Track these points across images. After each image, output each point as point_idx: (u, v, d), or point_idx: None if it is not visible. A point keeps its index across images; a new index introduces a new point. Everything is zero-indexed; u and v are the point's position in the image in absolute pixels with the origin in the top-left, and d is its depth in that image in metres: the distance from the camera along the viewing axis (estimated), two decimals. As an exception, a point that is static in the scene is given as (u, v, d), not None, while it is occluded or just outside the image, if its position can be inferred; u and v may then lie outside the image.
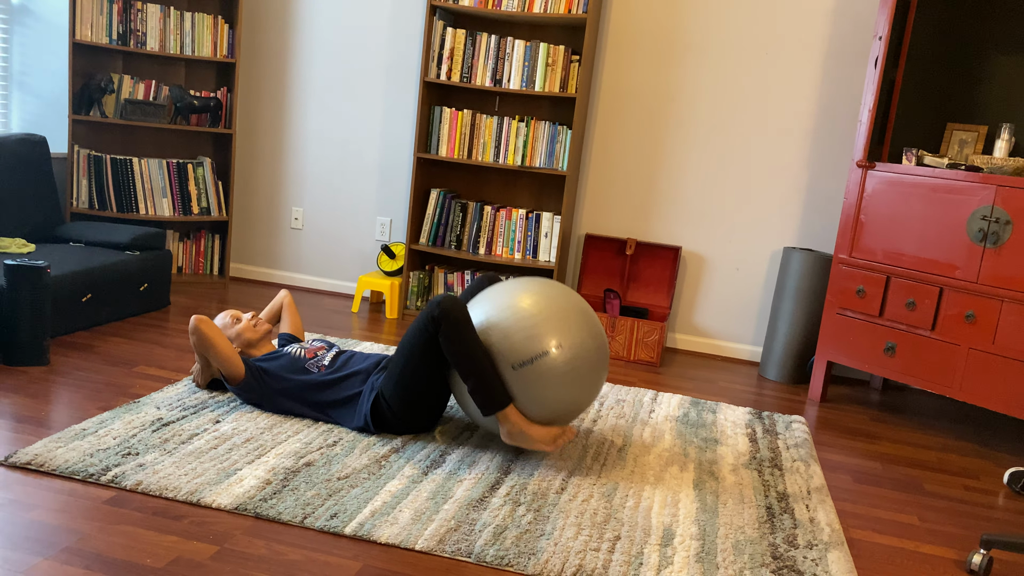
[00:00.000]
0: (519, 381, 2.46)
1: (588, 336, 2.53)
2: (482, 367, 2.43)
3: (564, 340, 2.47)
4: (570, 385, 2.49)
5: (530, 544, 2.07)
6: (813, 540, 2.26)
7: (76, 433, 2.43)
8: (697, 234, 4.25)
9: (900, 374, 3.39)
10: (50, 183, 4.01)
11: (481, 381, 2.43)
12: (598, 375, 2.57)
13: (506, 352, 2.46)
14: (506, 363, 2.46)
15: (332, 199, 4.68)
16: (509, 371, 2.46)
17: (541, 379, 2.46)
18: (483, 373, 2.43)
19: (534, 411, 2.51)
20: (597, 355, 2.55)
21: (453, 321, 2.43)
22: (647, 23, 4.17)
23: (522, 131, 4.14)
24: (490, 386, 2.44)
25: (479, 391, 2.44)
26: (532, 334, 2.45)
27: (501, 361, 2.47)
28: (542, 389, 2.47)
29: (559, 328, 2.48)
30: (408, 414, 2.63)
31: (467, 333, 2.44)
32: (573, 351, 2.48)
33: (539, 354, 2.45)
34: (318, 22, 4.54)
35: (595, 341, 2.55)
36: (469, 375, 2.44)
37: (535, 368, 2.45)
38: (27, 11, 4.35)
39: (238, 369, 2.73)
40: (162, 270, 3.94)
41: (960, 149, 3.67)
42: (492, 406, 2.45)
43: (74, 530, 1.94)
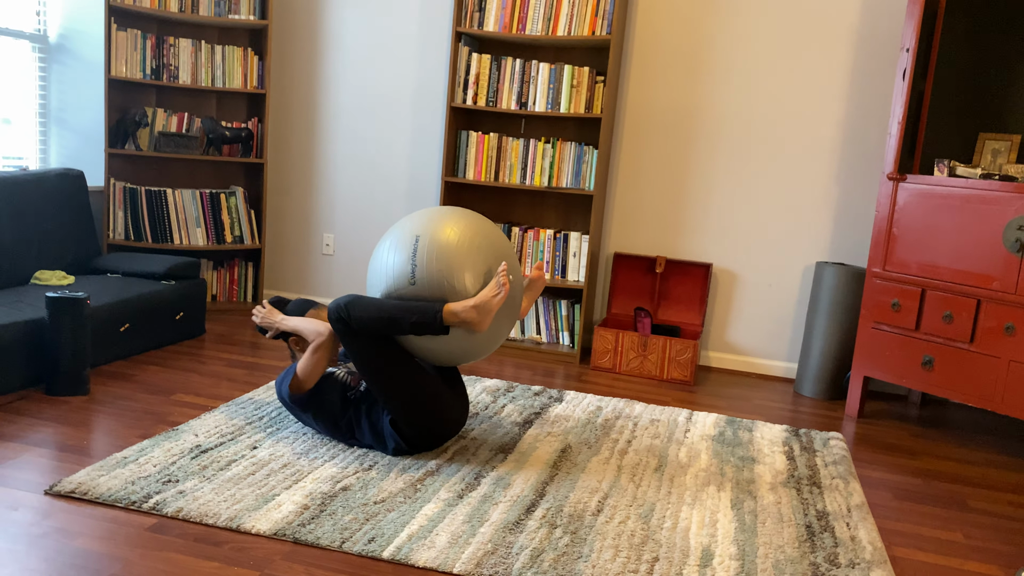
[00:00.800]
0: (429, 286, 2.57)
1: (436, 212, 2.70)
2: (398, 310, 2.52)
3: (418, 226, 2.63)
4: (461, 239, 2.61)
5: (568, 567, 2.06)
6: (855, 559, 2.23)
7: (117, 461, 2.47)
8: (728, 250, 4.23)
9: (939, 388, 3.33)
10: (88, 216, 4.10)
11: (409, 319, 2.50)
12: (475, 217, 2.71)
13: (397, 281, 2.60)
14: (404, 288, 2.59)
15: (362, 224, 4.73)
16: (411, 289, 2.58)
17: (439, 262, 2.57)
18: (404, 312, 2.51)
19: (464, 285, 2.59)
20: (455, 211, 2.71)
21: (346, 304, 2.54)
22: (671, 42, 4.18)
23: (548, 152, 4.16)
24: (417, 312, 2.51)
25: (417, 325, 2.50)
26: (400, 246, 2.62)
27: (401, 292, 2.60)
28: (447, 269, 2.57)
29: (411, 225, 2.67)
30: (421, 417, 2.62)
31: (364, 301, 2.55)
32: (436, 220, 2.63)
33: (413, 247, 2.59)
34: (345, 52, 4.62)
35: (443, 210, 2.71)
36: (399, 325, 2.51)
37: (424, 259, 2.56)
38: (64, 49, 4.47)
39: (313, 382, 2.73)
40: (197, 298, 4.00)
41: (993, 159, 3.62)
42: (436, 322, 2.50)
43: (118, 557, 1.96)
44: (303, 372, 2.69)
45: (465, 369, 3.84)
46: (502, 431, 3.01)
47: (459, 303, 2.53)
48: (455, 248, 2.59)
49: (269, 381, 3.42)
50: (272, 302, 2.94)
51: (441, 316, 2.50)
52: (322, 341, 2.65)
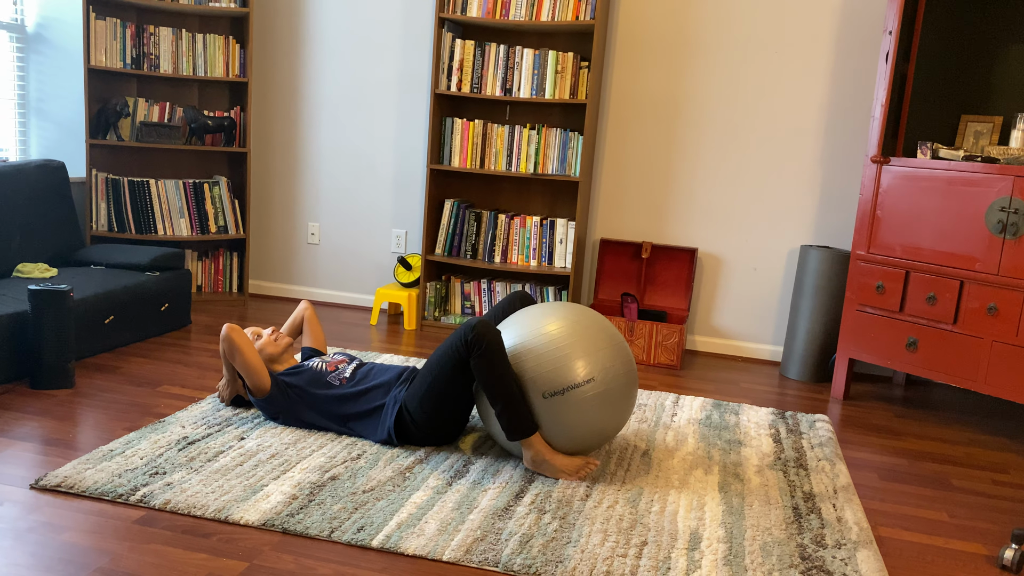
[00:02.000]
0: (547, 409, 2.47)
1: (619, 365, 2.53)
2: (512, 393, 2.45)
3: (595, 371, 2.47)
4: (598, 415, 2.50)
5: (557, 552, 2.07)
6: (841, 539, 2.25)
7: (104, 454, 2.46)
8: (713, 235, 4.24)
9: (923, 369, 3.36)
10: (70, 207, 4.06)
11: (509, 407, 2.44)
12: (626, 404, 2.57)
13: (536, 379, 2.47)
14: (535, 391, 2.47)
15: (347, 213, 4.71)
16: (538, 399, 2.47)
17: (570, 409, 2.46)
18: (512, 399, 2.44)
19: (560, 440, 2.52)
20: (626, 385, 2.55)
21: (487, 346, 2.44)
22: (655, 27, 4.17)
23: (534, 139, 4.15)
24: (518, 413, 2.45)
25: (506, 416, 2.45)
26: (563, 363, 2.46)
27: (531, 388, 2.47)
28: (570, 419, 2.47)
29: (590, 357, 2.48)
30: (432, 428, 2.64)
31: (499, 358, 2.45)
32: (604, 384, 2.48)
33: (571, 385, 2.45)
34: (328, 39, 4.58)
35: (625, 370, 2.54)
36: (498, 399, 2.45)
37: (565, 398, 2.45)
38: (42, 39, 4.41)
39: (264, 381, 2.76)
40: (182, 289, 3.97)
41: (975, 141, 3.64)
42: (518, 432, 2.46)
43: (105, 550, 1.96)
44: (245, 376, 2.77)
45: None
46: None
47: (544, 445, 2.50)
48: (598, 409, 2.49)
49: (256, 371, 3.41)
50: None
51: (526, 438, 2.48)
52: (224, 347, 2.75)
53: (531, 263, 4.27)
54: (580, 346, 2.49)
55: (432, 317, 4.44)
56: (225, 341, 2.73)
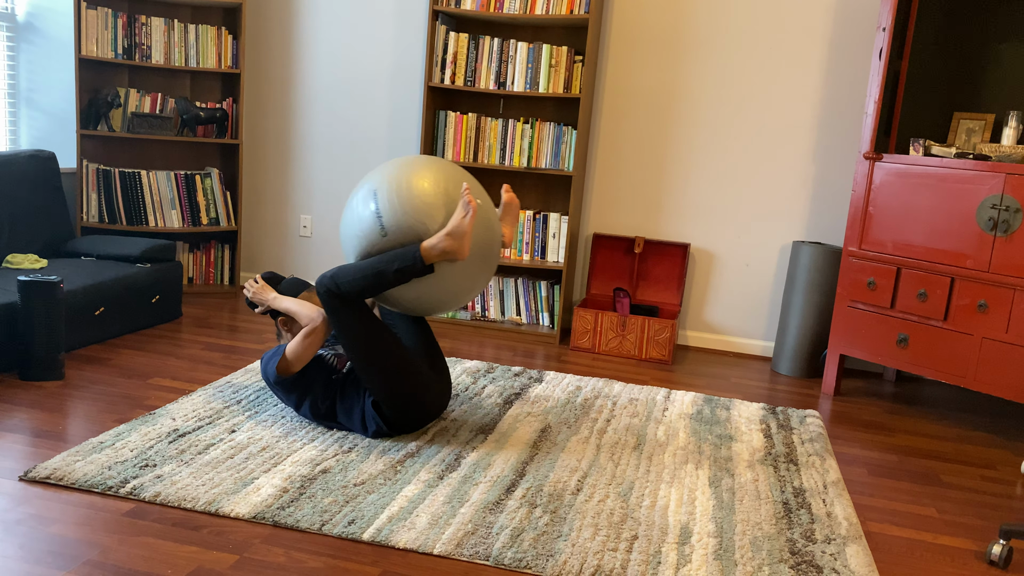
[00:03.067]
0: (402, 233, 2.57)
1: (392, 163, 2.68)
2: (379, 262, 2.53)
3: (377, 180, 2.63)
4: (423, 181, 2.60)
5: (548, 546, 2.07)
6: (831, 534, 2.26)
7: (93, 446, 2.45)
8: (706, 231, 4.25)
9: (913, 365, 3.38)
10: (60, 198, 4.04)
11: (392, 267, 2.52)
12: (431, 160, 2.70)
13: (370, 239, 2.60)
14: (378, 243, 2.59)
15: (340, 206, 4.70)
16: (384, 243, 2.58)
17: (404, 207, 2.56)
18: (385, 263, 2.53)
19: (436, 223, 2.58)
20: (411, 158, 2.70)
21: (332, 276, 2.55)
22: (649, 21, 4.17)
23: (527, 133, 4.15)
24: (398, 259, 2.52)
25: (401, 271, 2.52)
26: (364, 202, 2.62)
27: (376, 247, 2.60)
28: (414, 211, 2.57)
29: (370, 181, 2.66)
30: (403, 399, 2.61)
31: (347, 268, 2.55)
32: (392, 170, 2.63)
33: (374, 197, 2.59)
34: (321, 30, 4.56)
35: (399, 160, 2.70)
36: (384, 277, 2.52)
37: (388, 208, 2.56)
38: (32, 28, 4.38)
39: (300, 366, 2.69)
40: (173, 281, 3.96)
41: (967, 138, 3.65)
42: (418, 261, 2.51)
43: (95, 543, 1.95)
44: (293, 355, 2.66)
45: (445, 350, 3.84)
46: (482, 412, 3.02)
47: (433, 236, 2.54)
48: (419, 191, 2.59)
49: (247, 364, 3.40)
50: (265, 277, 2.90)
51: (420, 254, 2.51)
52: (315, 326, 2.63)
53: (524, 257, 4.27)
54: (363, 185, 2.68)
55: (424, 311, 4.43)
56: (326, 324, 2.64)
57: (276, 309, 2.78)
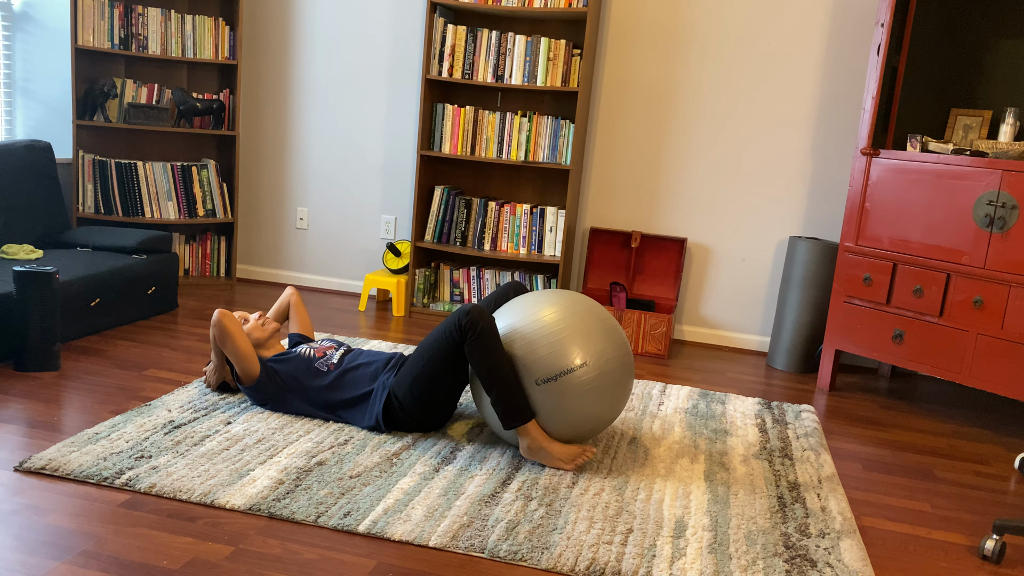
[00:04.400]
0: (542, 396, 2.46)
1: (613, 351, 2.51)
2: (506, 380, 2.43)
3: (589, 357, 2.46)
4: (594, 401, 2.49)
5: (543, 538, 2.08)
6: (825, 529, 2.27)
7: (89, 437, 2.44)
8: (702, 225, 4.25)
9: (908, 361, 3.39)
10: (56, 189, 4.02)
11: (504, 394, 2.43)
12: (623, 390, 2.56)
13: (530, 366, 2.45)
14: (530, 377, 2.46)
15: (337, 198, 4.69)
16: (532, 386, 2.46)
17: (565, 395, 2.45)
18: (507, 386, 2.43)
19: (556, 427, 2.51)
20: (622, 371, 2.54)
21: (481, 331, 2.43)
22: (648, 15, 4.16)
23: (525, 126, 4.14)
24: (513, 400, 2.44)
25: (501, 403, 2.44)
26: (557, 349, 2.44)
27: (525, 375, 2.46)
28: (566, 405, 2.46)
29: (584, 343, 2.47)
30: (420, 414, 2.64)
31: (493, 344, 2.44)
32: (598, 368, 2.47)
33: (564, 370, 2.44)
34: (319, 22, 4.55)
35: (620, 356, 2.53)
36: (492, 386, 2.44)
37: (559, 384, 2.44)
38: (29, 18, 4.36)
39: (254, 367, 2.74)
40: (169, 273, 3.95)
41: (964, 134, 3.66)
42: (514, 420, 2.45)
43: (90, 534, 1.95)
44: (235, 363, 2.74)
45: (441, 344, 3.83)
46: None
47: (540, 432, 2.48)
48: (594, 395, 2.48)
49: (243, 356, 3.40)
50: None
51: (521, 425, 2.46)
52: (214, 333, 2.72)
53: (521, 251, 4.27)
54: (574, 332, 2.48)
55: (421, 304, 4.43)
56: (216, 326, 2.71)
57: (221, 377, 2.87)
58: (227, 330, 2.70)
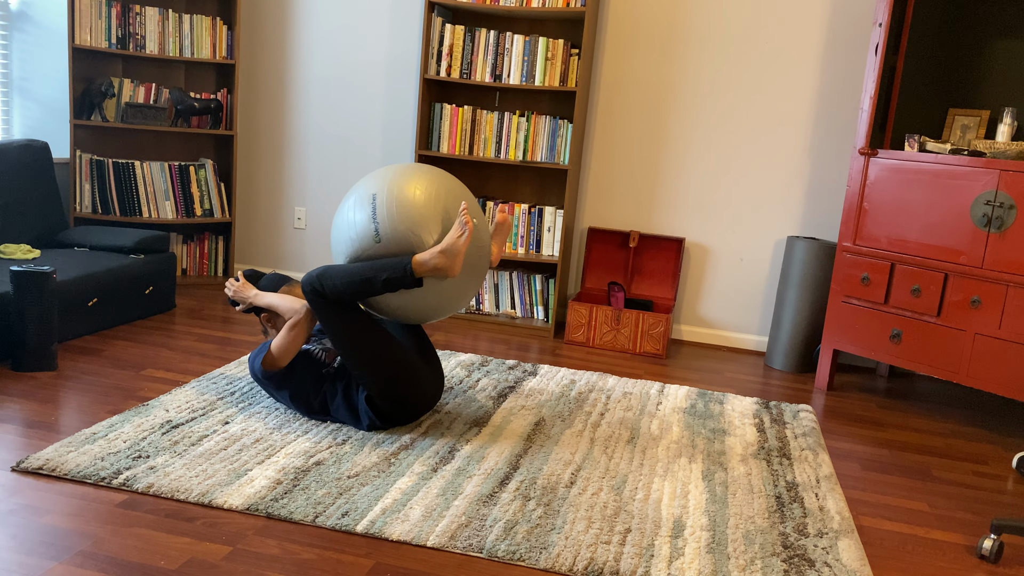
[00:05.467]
0: (395, 242, 2.56)
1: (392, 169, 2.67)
2: (369, 269, 2.52)
3: (376, 184, 2.61)
4: (421, 192, 2.60)
5: (541, 538, 2.08)
6: (823, 528, 2.27)
7: (86, 437, 2.44)
8: (700, 225, 4.25)
9: (906, 361, 3.39)
10: (53, 188, 4.02)
11: (381, 276, 2.51)
12: (432, 170, 2.69)
13: (363, 242, 2.59)
14: (370, 248, 2.57)
15: (335, 198, 4.68)
16: (378, 249, 2.57)
17: (401, 216, 2.55)
18: (374, 271, 2.51)
19: (430, 236, 2.57)
20: (411, 166, 2.69)
21: (317, 276, 2.54)
22: (646, 15, 4.16)
23: (523, 126, 4.14)
24: (388, 268, 2.51)
25: (390, 281, 2.51)
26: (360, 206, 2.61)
27: (368, 253, 2.59)
28: (409, 221, 2.56)
29: (368, 184, 2.64)
30: (396, 392, 2.62)
31: (334, 269, 2.54)
32: (392, 177, 2.61)
33: (372, 206, 2.57)
34: (316, 21, 4.54)
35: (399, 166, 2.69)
36: (372, 284, 2.51)
37: (385, 216, 2.55)
38: (26, 17, 4.35)
39: (287, 360, 2.68)
40: (167, 273, 3.95)
41: (962, 134, 3.66)
42: (408, 274, 2.50)
43: (87, 534, 1.95)
44: (278, 350, 2.64)
45: (439, 343, 3.84)
46: (476, 405, 3.02)
47: (426, 251, 2.53)
48: (416, 200, 2.58)
49: (241, 356, 3.39)
50: (246, 275, 2.89)
51: (411, 267, 2.50)
52: (299, 319, 2.62)
53: (519, 251, 4.27)
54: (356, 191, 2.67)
55: (419, 303, 4.42)
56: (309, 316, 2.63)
57: (258, 306, 2.77)
58: (306, 328, 2.65)
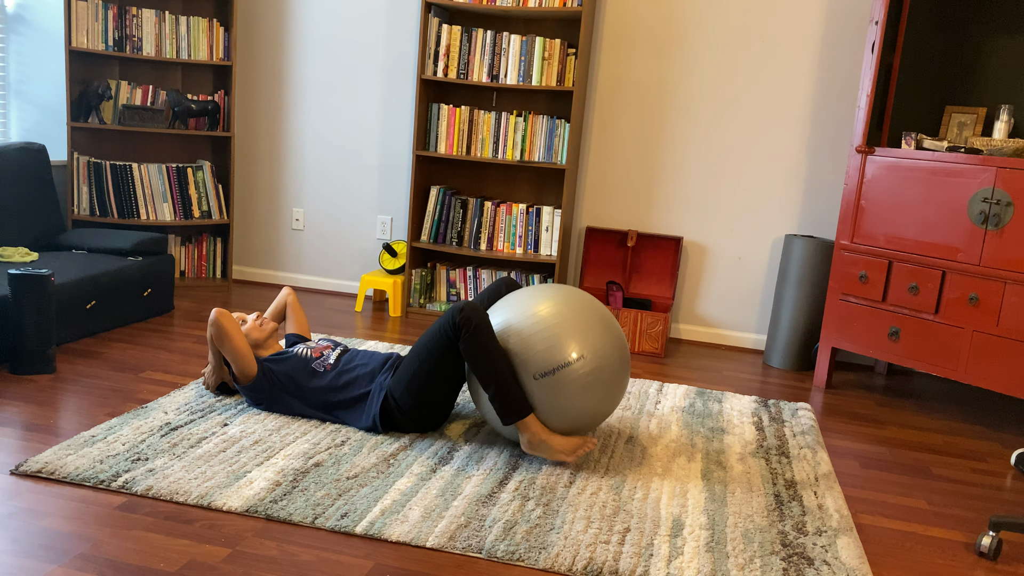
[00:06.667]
0: (540, 391, 2.46)
1: (610, 344, 2.51)
2: (503, 375, 2.43)
3: (586, 350, 2.45)
4: (591, 394, 2.48)
5: (540, 538, 2.08)
6: (822, 527, 2.27)
7: (85, 440, 2.44)
8: (698, 224, 4.25)
9: (905, 358, 3.39)
10: (51, 191, 4.02)
11: (502, 389, 2.43)
12: (619, 383, 2.56)
13: (527, 361, 2.45)
14: (527, 372, 2.45)
15: (332, 199, 4.68)
16: (530, 380, 2.45)
17: (562, 389, 2.44)
18: (504, 381, 2.43)
19: (555, 421, 2.50)
20: (619, 364, 2.54)
21: (475, 328, 2.42)
22: (642, 14, 4.16)
23: (520, 126, 4.14)
24: (511, 395, 2.44)
25: (499, 399, 2.44)
26: (553, 343, 2.44)
27: (521, 370, 2.46)
28: (563, 399, 2.46)
29: (580, 337, 2.46)
30: (418, 414, 2.64)
31: (489, 340, 2.43)
32: (595, 361, 2.46)
33: (561, 364, 2.43)
34: (313, 22, 4.54)
35: (616, 349, 2.53)
36: (490, 383, 2.43)
37: (556, 378, 2.44)
38: (22, 19, 4.35)
39: (251, 366, 2.73)
40: (165, 275, 3.94)
41: (959, 132, 3.66)
42: (513, 415, 2.45)
43: (86, 537, 1.95)
44: (232, 363, 2.74)
45: (438, 344, 3.83)
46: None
47: (540, 426, 2.47)
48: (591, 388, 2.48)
49: (239, 357, 3.39)
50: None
51: (521, 420, 2.46)
52: (211, 332, 2.71)
53: (517, 251, 4.27)
54: (570, 326, 2.47)
55: (417, 304, 4.43)
56: (213, 326, 2.71)
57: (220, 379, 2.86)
58: (225, 329, 2.70)
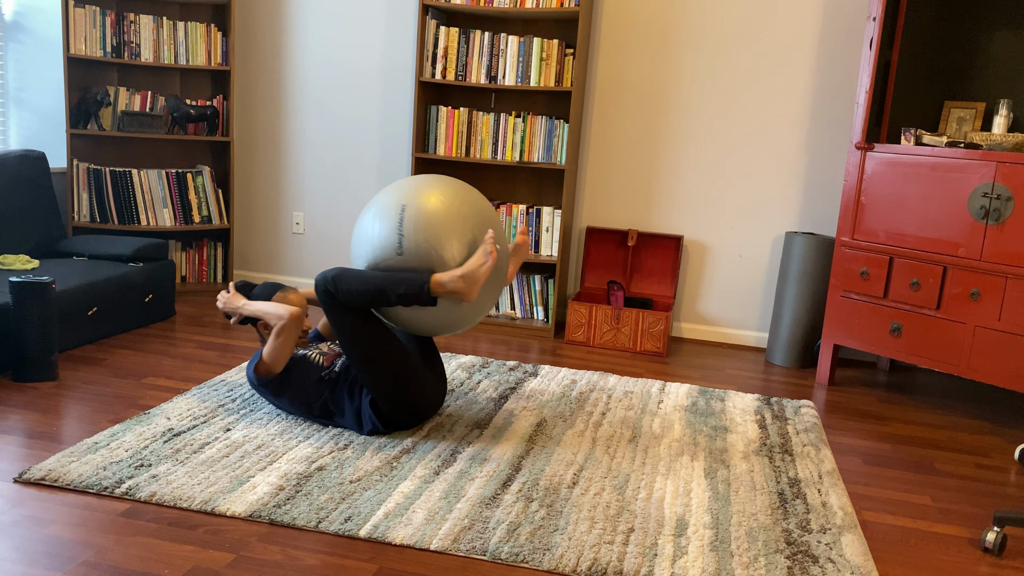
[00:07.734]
0: (411, 259, 2.55)
1: (420, 181, 2.66)
2: (383, 278, 2.51)
3: (405, 199, 2.60)
4: (446, 208, 2.58)
5: (544, 540, 2.08)
6: (826, 524, 2.27)
7: (88, 447, 2.44)
8: (698, 222, 4.25)
9: (907, 354, 3.39)
10: (51, 198, 4.02)
11: (395, 288, 2.49)
12: (458, 185, 2.67)
13: (383, 249, 2.58)
14: (390, 259, 2.56)
15: (332, 202, 4.69)
16: (397, 259, 2.56)
17: (426, 232, 2.54)
18: (389, 282, 2.50)
19: (451, 254, 2.56)
20: (438, 179, 2.67)
21: (333, 277, 2.53)
22: (640, 13, 4.16)
23: (519, 127, 4.14)
24: (404, 282, 2.50)
25: (402, 296, 2.49)
26: (383, 218, 2.59)
27: (386, 263, 2.58)
28: (434, 239, 2.54)
29: (396, 197, 2.62)
30: (404, 397, 2.62)
31: (350, 272, 2.54)
32: (420, 189, 2.59)
33: (399, 216, 2.55)
34: (311, 26, 4.54)
35: (427, 178, 2.68)
36: (383, 294, 2.50)
37: (411, 229, 2.53)
38: (20, 27, 4.35)
39: (281, 366, 2.70)
40: (166, 280, 3.95)
41: (959, 127, 3.66)
42: (424, 293, 2.49)
43: (91, 544, 1.95)
44: (269, 356, 2.66)
45: (440, 346, 3.84)
46: (477, 407, 3.02)
47: (446, 273, 2.51)
48: (441, 217, 2.57)
49: (241, 363, 3.39)
50: (237, 286, 2.89)
51: (429, 287, 2.49)
52: (283, 324, 2.62)
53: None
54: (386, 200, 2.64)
55: (418, 306, 4.42)
56: (287, 322, 2.62)
57: (247, 315, 2.77)
58: (291, 334, 2.64)
